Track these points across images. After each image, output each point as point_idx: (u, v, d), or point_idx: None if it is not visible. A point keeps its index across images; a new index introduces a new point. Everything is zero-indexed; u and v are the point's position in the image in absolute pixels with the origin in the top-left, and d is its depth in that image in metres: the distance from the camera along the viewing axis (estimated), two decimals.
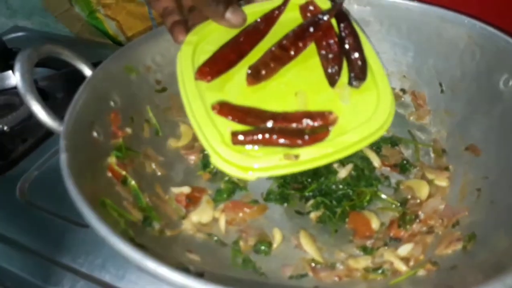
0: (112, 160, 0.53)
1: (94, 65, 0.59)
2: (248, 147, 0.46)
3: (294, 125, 0.46)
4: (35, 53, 0.51)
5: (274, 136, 0.45)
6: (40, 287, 0.58)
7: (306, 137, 0.45)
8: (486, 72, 0.57)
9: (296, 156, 0.45)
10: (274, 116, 0.47)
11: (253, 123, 0.47)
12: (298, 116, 0.47)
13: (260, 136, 0.45)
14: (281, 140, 0.45)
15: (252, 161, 0.45)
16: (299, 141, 0.45)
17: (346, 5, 0.62)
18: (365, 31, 0.70)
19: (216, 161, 0.46)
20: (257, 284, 0.47)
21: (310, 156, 0.45)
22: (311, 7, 0.58)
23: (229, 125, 0.47)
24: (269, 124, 0.46)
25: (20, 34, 1.13)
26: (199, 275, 0.41)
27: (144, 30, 1.02)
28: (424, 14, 0.64)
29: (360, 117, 0.49)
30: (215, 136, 0.46)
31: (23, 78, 0.47)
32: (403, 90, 0.69)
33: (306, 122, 0.46)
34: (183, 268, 0.41)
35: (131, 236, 0.44)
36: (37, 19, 1.19)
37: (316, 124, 0.46)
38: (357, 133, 0.47)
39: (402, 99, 0.69)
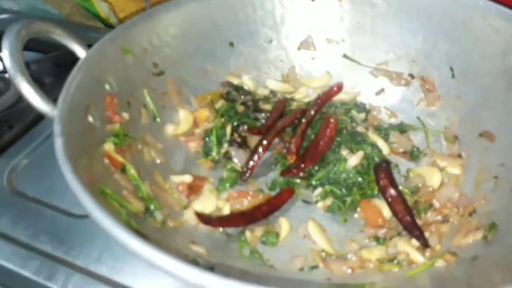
0: (109, 146, 0.50)
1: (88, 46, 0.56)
2: None
3: None
4: (24, 31, 0.47)
5: None
6: (32, 281, 0.55)
7: None
8: (502, 56, 0.55)
9: None
10: None
11: None
12: None
13: None
14: None
15: None
16: None
17: None
18: (372, 13, 0.68)
19: None
20: (270, 278, 0.44)
21: None
22: None
23: None
24: None
25: (4, 16, 1.06)
26: (209, 269, 0.38)
27: (137, 11, 0.97)
28: None
29: None
30: None
31: (12, 57, 0.43)
32: (412, 75, 0.67)
33: None
34: (193, 262, 0.38)
35: (135, 228, 0.41)
36: (24, 0, 1.13)
37: None
38: None
39: (411, 84, 0.67)
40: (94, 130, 0.50)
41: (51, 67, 0.86)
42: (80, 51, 0.56)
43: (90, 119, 0.50)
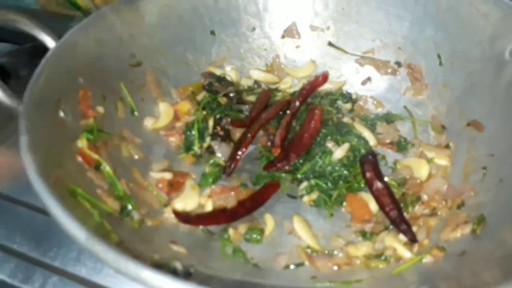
0: (82, 143, 0.47)
1: (59, 38, 0.53)
2: None
3: None
4: None
5: None
6: (7, 284, 0.52)
7: None
8: (490, 42, 0.53)
9: None
10: None
11: None
12: None
13: None
14: None
15: None
16: None
17: None
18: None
19: None
20: (249, 284, 0.42)
21: None
22: None
23: None
24: None
25: None
26: (187, 274, 0.36)
27: None
28: None
29: None
30: None
31: None
32: (398, 63, 0.65)
33: None
34: (168, 268, 0.36)
35: (107, 230, 0.38)
36: None
37: None
38: None
39: (398, 73, 0.65)
40: (65, 125, 0.47)
41: (26, 59, 0.83)
42: (50, 42, 0.53)
43: (62, 114, 0.47)
